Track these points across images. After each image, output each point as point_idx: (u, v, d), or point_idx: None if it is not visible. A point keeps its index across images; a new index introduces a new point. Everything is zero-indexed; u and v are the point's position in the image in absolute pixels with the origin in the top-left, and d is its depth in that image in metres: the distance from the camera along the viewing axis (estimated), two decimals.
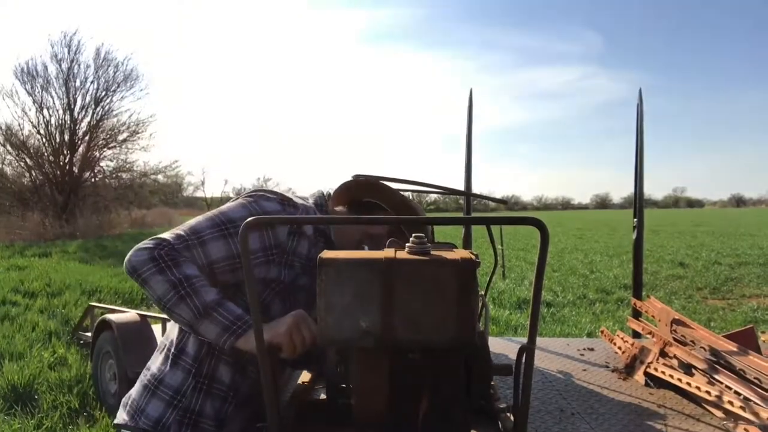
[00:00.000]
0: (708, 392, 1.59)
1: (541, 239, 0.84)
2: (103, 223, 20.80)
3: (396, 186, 1.52)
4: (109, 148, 22.79)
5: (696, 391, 1.64)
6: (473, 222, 1.03)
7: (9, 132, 21.13)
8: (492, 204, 3.66)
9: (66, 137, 21.53)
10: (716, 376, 1.67)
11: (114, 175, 23.30)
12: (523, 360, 0.94)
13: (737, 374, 1.65)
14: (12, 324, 5.91)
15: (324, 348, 1.15)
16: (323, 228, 1.37)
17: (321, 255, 0.93)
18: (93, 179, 22.80)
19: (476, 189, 3.02)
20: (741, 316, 6.63)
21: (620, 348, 2.21)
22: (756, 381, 1.59)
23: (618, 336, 2.30)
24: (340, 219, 1.41)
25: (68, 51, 21.38)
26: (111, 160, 23.16)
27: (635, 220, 2.73)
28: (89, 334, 4.42)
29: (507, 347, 2.35)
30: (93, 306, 4.75)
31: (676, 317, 2.10)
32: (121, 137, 22.71)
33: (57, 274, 9.12)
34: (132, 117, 22.79)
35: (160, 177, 24.99)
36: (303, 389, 1.40)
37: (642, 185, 2.75)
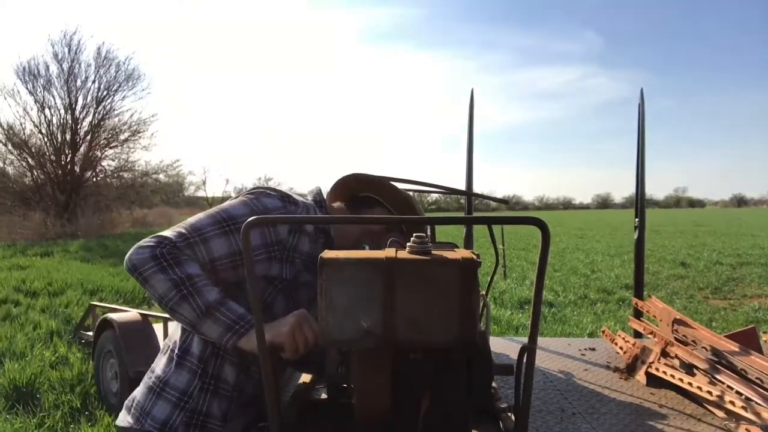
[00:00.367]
0: (709, 392, 1.59)
1: (543, 239, 0.84)
2: (105, 223, 20.83)
3: (397, 186, 1.52)
4: (111, 148, 22.87)
5: (697, 391, 1.64)
6: (475, 222, 1.03)
7: (11, 131, 21.20)
8: (493, 204, 3.66)
9: (68, 137, 21.57)
10: (718, 376, 1.66)
11: (115, 175, 23.36)
12: (525, 360, 0.94)
13: (739, 374, 1.65)
14: (14, 323, 5.91)
15: (324, 348, 1.15)
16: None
17: (322, 255, 0.93)
18: (94, 179, 22.84)
19: (477, 189, 3.02)
20: (742, 316, 6.62)
21: (621, 348, 2.21)
22: (758, 381, 1.59)
23: (619, 336, 2.30)
24: (343, 219, 1.41)
25: (68, 50, 21.45)
26: (112, 160, 23.26)
27: (636, 220, 2.73)
28: (91, 334, 4.41)
29: (508, 347, 2.35)
30: (94, 305, 4.75)
31: (678, 317, 2.10)
32: (123, 137, 22.81)
33: (58, 274, 9.13)
34: (133, 116, 22.87)
35: (162, 176, 25.06)
36: (304, 389, 1.40)
37: (643, 185, 2.75)
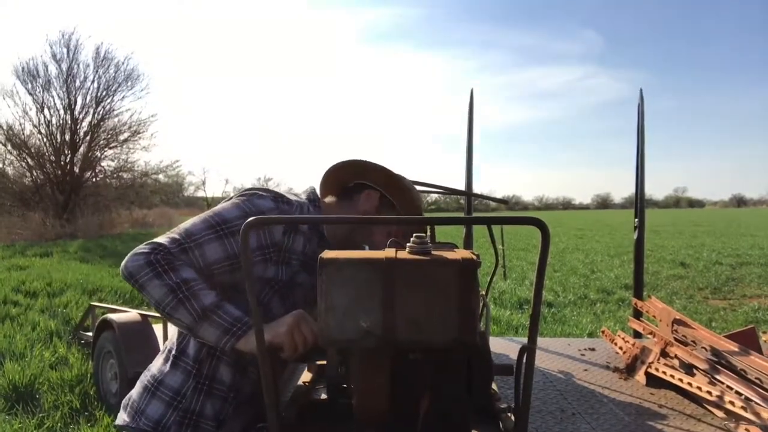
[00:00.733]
0: (709, 392, 1.59)
1: (542, 239, 0.84)
2: (104, 223, 20.80)
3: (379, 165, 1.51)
4: (110, 148, 22.84)
5: (697, 392, 1.64)
6: (474, 222, 1.02)
7: (10, 132, 21.18)
8: (493, 204, 3.66)
9: (67, 137, 21.55)
10: (717, 377, 1.66)
11: (115, 175, 23.33)
12: (524, 360, 0.94)
13: (738, 374, 1.65)
14: (13, 324, 5.91)
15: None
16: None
17: (322, 255, 0.93)
18: (94, 179, 22.82)
19: (477, 189, 3.01)
20: (742, 316, 6.63)
21: (621, 348, 2.21)
22: (757, 381, 1.59)
23: (619, 336, 2.30)
24: (343, 219, 1.41)
25: (67, 51, 21.43)
26: (112, 160, 23.21)
27: (636, 220, 2.73)
28: (90, 334, 4.42)
29: (508, 347, 2.35)
30: (94, 306, 4.75)
31: (677, 317, 2.10)
32: (122, 137, 22.77)
33: (58, 274, 9.12)
34: (133, 117, 22.81)
35: (161, 177, 25.03)
36: (304, 389, 1.40)
37: (643, 185, 2.75)
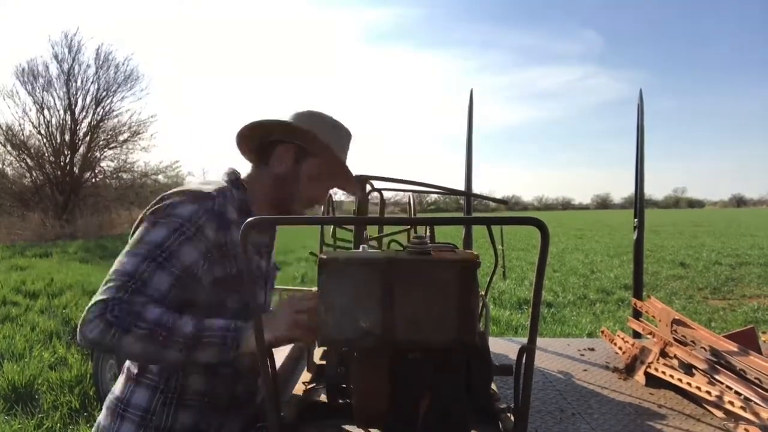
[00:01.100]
0: (708, 392, 1.59)
1: (542, 239, 0.84)
2: (104, 224, 20.79)
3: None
4: (110, 149, 22.86)
5: (696, 392, 1.64)
6: (474, 222, 1.02)
7: (10, 132, 21.20)
8: (492, 204, 3.66)
9: (67, 138, 21.57)
10: (717, 377, 1.66)
11: (114, 176, 23.35)
12: (524, 360, 0.94)
13: (738, 374, 1.65)
14: (13, 324, 5.91)
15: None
16: (242, 203, 1.30)
17: (321, 256, 0.93)
18: (93, 179, 22.83)
19: (477, 189, 3.02)
20: (741, 317, 6.63)
21: (621, 348, 2.21)
22: (756, 381, 1.59)
23: (618, 336, 2.29)
24: (342, 219, 1.41)
25: (68, 51, 21.46)
26: (111, 161, 23.23)
27: (636, 221, 2.73)
28: None
29: (507, 347, 2.35)
30: None
31: (677, 317, 2.10)
32: (122, 137, 22.81)
33: (57, 275, 9.13)
34: (132, 117, 22.93)
35: (161, 177, 24.99)
36: (303, 389, 1.40)
37: (642, 185, 2.75)
